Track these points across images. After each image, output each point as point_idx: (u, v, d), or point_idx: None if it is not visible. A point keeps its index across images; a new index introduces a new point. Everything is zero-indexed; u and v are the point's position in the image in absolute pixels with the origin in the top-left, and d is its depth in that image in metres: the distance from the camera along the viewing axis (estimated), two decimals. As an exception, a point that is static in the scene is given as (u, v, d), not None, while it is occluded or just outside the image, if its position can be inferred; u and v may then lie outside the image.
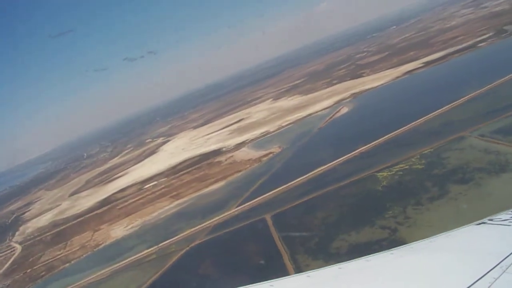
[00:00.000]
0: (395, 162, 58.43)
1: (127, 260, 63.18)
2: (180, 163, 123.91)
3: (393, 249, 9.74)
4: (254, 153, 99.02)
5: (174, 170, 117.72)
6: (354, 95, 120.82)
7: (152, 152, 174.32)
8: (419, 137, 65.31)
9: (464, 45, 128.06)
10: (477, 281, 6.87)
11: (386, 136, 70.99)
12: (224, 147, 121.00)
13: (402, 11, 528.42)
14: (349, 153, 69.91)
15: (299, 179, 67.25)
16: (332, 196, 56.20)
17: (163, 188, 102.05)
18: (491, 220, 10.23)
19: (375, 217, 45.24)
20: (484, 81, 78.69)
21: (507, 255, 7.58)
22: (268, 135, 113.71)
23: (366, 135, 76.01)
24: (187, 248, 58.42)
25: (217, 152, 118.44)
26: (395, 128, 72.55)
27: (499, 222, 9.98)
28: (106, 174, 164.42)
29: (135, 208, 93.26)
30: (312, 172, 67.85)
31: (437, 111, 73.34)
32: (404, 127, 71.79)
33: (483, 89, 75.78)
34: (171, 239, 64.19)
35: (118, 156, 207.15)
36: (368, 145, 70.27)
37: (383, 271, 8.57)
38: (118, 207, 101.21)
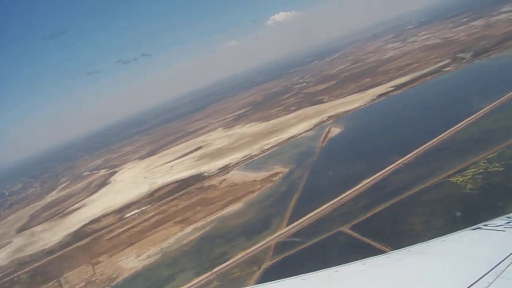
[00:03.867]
0: (460, 168, 58.22)
1: (178, 291, 55.45)
2: (156, 191, 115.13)
3: (388, 253, 10.10)
4: (253, 175, 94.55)
5: (154, 198, 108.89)
6: (333, 118, 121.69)
7: (103, 183, 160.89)
8: (466, 145, 66.47)
9: (426, 70, 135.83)
10: (471, 285, 7.07)
11: (422, 147, 71.07)
12: (205, 172, 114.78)
13: (315, 48, 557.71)
14: (390, 165, 68.79)
15: (348, 192, 64.57)
16: (413, 203, 54.22)
17: (154, 215, 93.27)
18: (486, 225, 10.69)
19: (495, 216, 43.70)
20: (490, 96, 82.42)
21: (501, 260, 7.85)
22: (255, 158, 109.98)
23: (395, 148, 76.13)
24: (260, 270, 52.51)
25: (199, 177, 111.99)
26: (425, 139, 72.82)
27: (493, 228, 10.43)
28: (54, 207, 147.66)
29: (133, 237, 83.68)
30: (361, 185, 65.53)
31: (462, 123, 75.40)
32: (436, 138, 72.51)
33: (497, 102, 79.47)
34: (225, 264, 57.50)
35: (56, 190, 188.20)
36: (407, 156, 69.82)
37: (378, 274, 8.73)
38: (105, 238, 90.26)
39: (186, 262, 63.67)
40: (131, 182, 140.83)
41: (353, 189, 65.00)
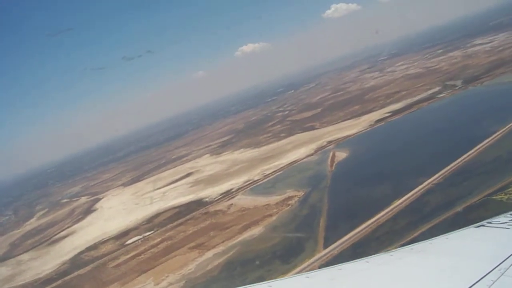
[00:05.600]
0: (499, 186, 58.41)
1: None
2: (155, 217, 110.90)
3: (392, 250, 10.22)
4: (264, 199, 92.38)
5: (154, 224, 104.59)
6: (333, 143, 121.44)
7: (88, 210, 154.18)
8: (495, 165, 66.90)
9: (418, 97, 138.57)
10: (475, 283, 7.13)
11: (446, 168, 71.06)
12: (206, 198, 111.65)
13: (285, 78, 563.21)
14: (419, 186, 68.37)
15: (383, 213, 63.58)
16: (462, 221, 53.13)
17: (161, 241, 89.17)
18: (489, 223, 10.83)
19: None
20: (500, 119, 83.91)
21: (505, 257, 7.95)
22: (259, 183, 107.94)
23: (416, 170, 75.91)
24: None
25: (200, 203, 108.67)
26: (447, 161, 72.83)
27: (497, 225, 10.54)
28: (38, 235, 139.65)
29: (144, 264, 79.29)
30: (394, 205, 64.76)
31: (480, 144, 76.18)
32: (459, 159, 72.83)
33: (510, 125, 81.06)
34: (266, 288, 54.80)
35: (34, 218, 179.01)
36: (434, 177, 69.59)
37: (382, 272, 8.83)
38: (111, 266, 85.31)
39: (218, 289, 60.58)
40: (122, 209, 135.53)
41: (387, 210, 64.06)
